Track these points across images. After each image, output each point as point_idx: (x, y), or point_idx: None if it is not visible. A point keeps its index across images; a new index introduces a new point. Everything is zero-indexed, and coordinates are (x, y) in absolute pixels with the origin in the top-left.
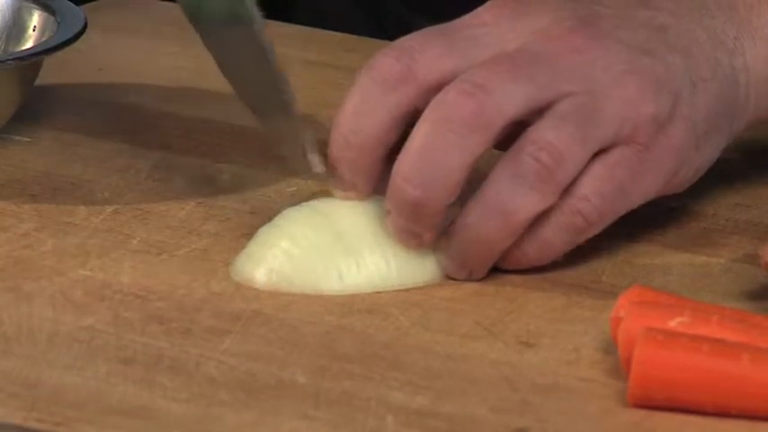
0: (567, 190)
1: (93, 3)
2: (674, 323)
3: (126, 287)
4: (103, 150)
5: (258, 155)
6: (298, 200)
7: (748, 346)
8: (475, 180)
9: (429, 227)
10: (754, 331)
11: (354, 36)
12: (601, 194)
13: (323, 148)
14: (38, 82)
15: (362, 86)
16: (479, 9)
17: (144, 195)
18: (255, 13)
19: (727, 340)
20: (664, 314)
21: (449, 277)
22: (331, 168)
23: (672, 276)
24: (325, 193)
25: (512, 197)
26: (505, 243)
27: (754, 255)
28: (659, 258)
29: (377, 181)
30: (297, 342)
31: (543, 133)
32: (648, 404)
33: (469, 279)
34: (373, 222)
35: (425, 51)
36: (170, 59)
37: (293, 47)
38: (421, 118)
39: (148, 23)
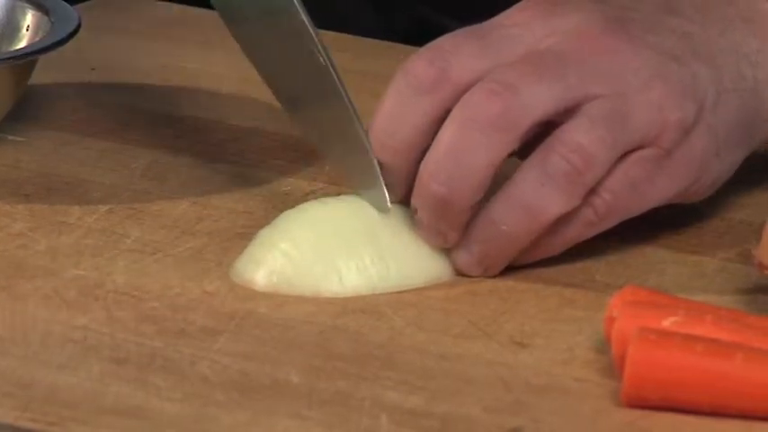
0: None
1: (87, 2)
2: (667, 323)
3: (120, 287)
4: (97, 150)
5: (253, 154)
6: (292, 199)
7: (742, 346)
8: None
9: (454, 225)
10: (749, 331)
11: (350, 35)
12: (612, 191)
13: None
14: (31, 81)
15: (397, 90)
16: (511, 10)
17: (138, 195)
18: (296, 3)
19: (721, 340)
20: (658, 314)
21: (459, 274)
22: None
23: (666, 276)
24: (323, 194)
25: (539, 197)
26: (528, 240)
27: (747, 254)
28: (653, 258)
29: (411, 182)
30: (291, 342)
31: (573, 135)
32: (642, 404)
33: (485, 275)
34: (373, 224)
35: (458, 53)
36: (163, 59)
37: None
38: (448, 117)
39: (141, 23)
